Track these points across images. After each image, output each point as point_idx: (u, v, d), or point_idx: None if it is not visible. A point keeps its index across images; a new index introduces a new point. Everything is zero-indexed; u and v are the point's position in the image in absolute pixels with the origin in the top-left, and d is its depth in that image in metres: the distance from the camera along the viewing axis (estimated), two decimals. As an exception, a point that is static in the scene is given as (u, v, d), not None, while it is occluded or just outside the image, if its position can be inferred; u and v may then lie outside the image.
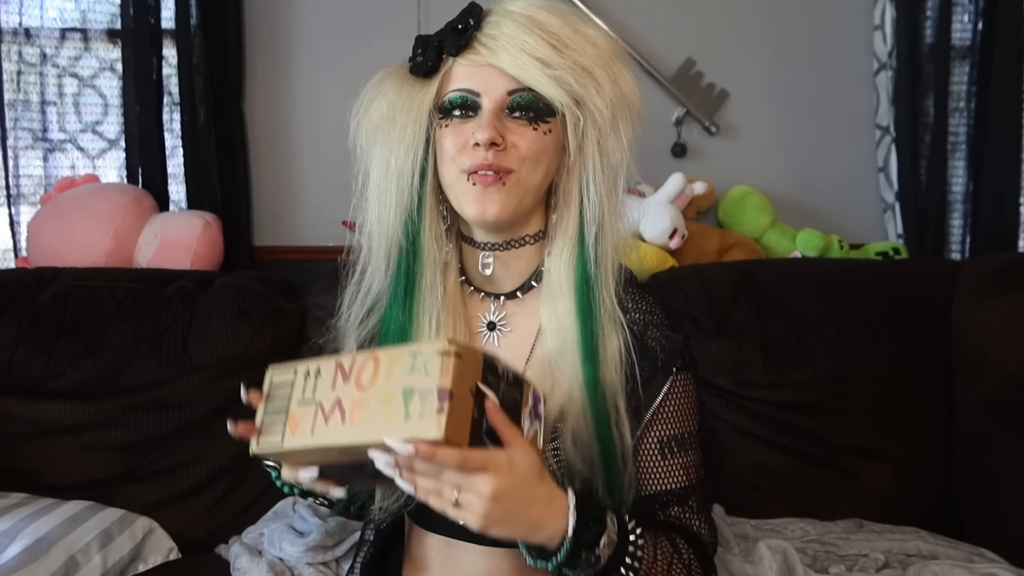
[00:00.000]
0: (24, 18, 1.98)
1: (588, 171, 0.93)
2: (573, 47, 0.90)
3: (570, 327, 0.93)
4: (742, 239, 2.04)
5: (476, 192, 0.91)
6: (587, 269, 0.93)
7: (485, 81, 0.91)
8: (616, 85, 0.93)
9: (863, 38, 2.13)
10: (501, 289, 1.00)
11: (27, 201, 2.00)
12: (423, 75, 0.94)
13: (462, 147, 0.91)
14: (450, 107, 0.93)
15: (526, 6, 0.91)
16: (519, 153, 0.91)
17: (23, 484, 1.50)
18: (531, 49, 0.88)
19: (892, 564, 1.40)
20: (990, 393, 1.58)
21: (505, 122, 0.91)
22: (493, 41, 0.90)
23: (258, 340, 1.62)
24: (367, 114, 0.96)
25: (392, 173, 0.94)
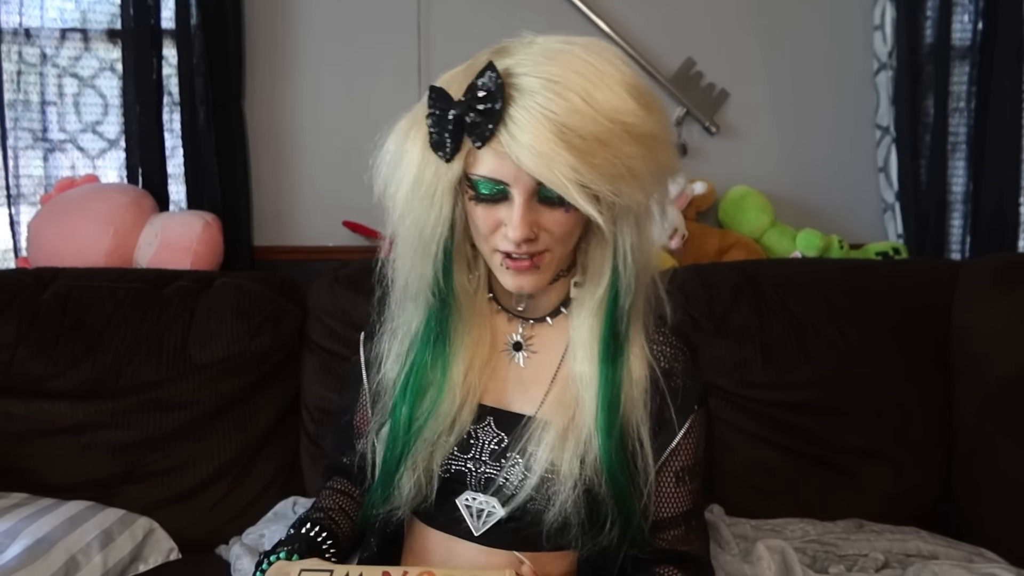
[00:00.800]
0: (24, 18, 1.98)
1: (624, 243, 0.91)
2: (607, 147, 0.81)
3: (592, 376, 0.94)
4: (742, 239, 2.04)
5: (512, 272, 0.91)
6: (616, 328, 0.94)
7: (514, 172, 0.85)
8: (656, 164, 0.86)
9: (863, 38, 2.13)
10: (532, 314, 1.01)
11: (27, 201, 2.00)
12: (445, 160, 0.88)
13: (494, 230, 0.90)
14: (478, 189, 0.88)
15: (546, 100, 0.81)
16: (552, 237, 0.89)
17: (23, 484, 1.50)
18: (559, 167, 0.80)
19: (892, 564, 1.40)
20: (990, 393, 1.58)
21: (535, 208, 0.87)
22: (518, 145, 0.82)
23: (258, 340, 1.62)
24: (391, 183, 0.93)
25: (419, 245, 0.93)
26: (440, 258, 0.92)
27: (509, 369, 1.00)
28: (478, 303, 0.99)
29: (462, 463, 0.98)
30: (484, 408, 0.98)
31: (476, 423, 0.98)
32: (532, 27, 0.90)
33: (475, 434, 0.98)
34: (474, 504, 0.98)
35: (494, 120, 0.83)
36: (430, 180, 0.89)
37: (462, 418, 0.97)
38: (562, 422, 0.95)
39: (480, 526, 0.98)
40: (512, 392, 1.00)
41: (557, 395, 0.97)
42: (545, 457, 0.93)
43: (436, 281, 0.93)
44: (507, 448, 0.96)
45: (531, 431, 0.95)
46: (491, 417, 0.98)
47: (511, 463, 0.96)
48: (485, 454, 0.97)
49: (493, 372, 1.00)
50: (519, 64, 0.84)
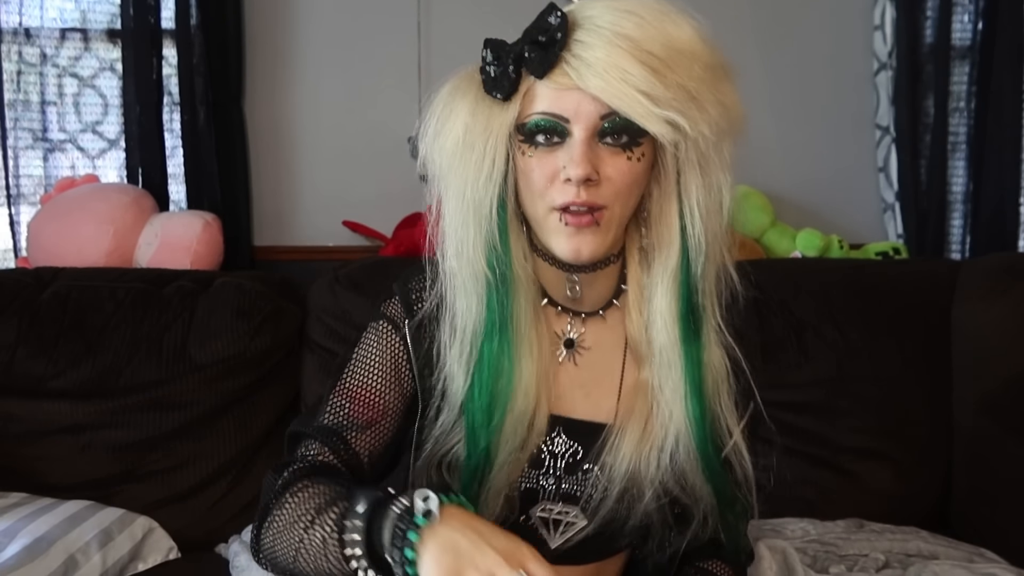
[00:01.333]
0: (24, 18, 1.98)
1: (691, 197, 0.85)
2: (676, 68, 0.79)
3: (675, 360, 0.87)
4: (742, 239, 2.04)
5: (569, 232, 0.83)
6: (693, 299, 0.87)
7: (575, 106, 0.80)
8: (722, 105, 0.83)
9: (863, 38, 2.13)
10: (582, 307, 0.93)
11: (27, 201, 2.00)
12: (502, 98, 0.83)
13: (550, 180, 0.83)
14: (535, 130, 0.82)
15: (615, 18, 0.79)
16: (613, 187, 0.82)
17: (23, 484, 1.50)
18: (632, 79, 0.77)
19: (892, 564, 1.40)
20: (990, 393, 1.58)
21: (597, 150, 0.82)
22: (585, 66, 0.78)
23: (258, 340, 1.62)
24: (439, 138, 0.86)
25: (468, 205, 0.84)
26: (495, 217, 0.84)
27: (564, 371, 0.93)
28: (534, 293, 0.90)
29: (534, 480, 0.91)
30: (554, 418, 0.90)
31: (546, 435, 0.90)
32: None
33: (545, 447, 0.90)
34: (550, 515, 0.92)
35: (558, 47, 0.79)
36: (483, 125, 0.83)
37: (536, 429, 0.88)
38: (638, 428, 0.89)
39: (558, 537, 0.92)
40: (575, 397, 0.92)
41: (627, 401, 0.91)
42: (624, 467, 0.88)
43: (493, 248, 0.85)
44: (583, 459, 0.90)
45: (608, 441, 0.89)
46: (560, 427, 0.91)
47: (590, 476, 0.90)
48: (559, 468, 0.91)
49: (553, 376, 0.92)
50: (582, 7, 0.82)
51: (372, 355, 0.93)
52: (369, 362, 0.93)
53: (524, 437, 0.87)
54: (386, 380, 0.92)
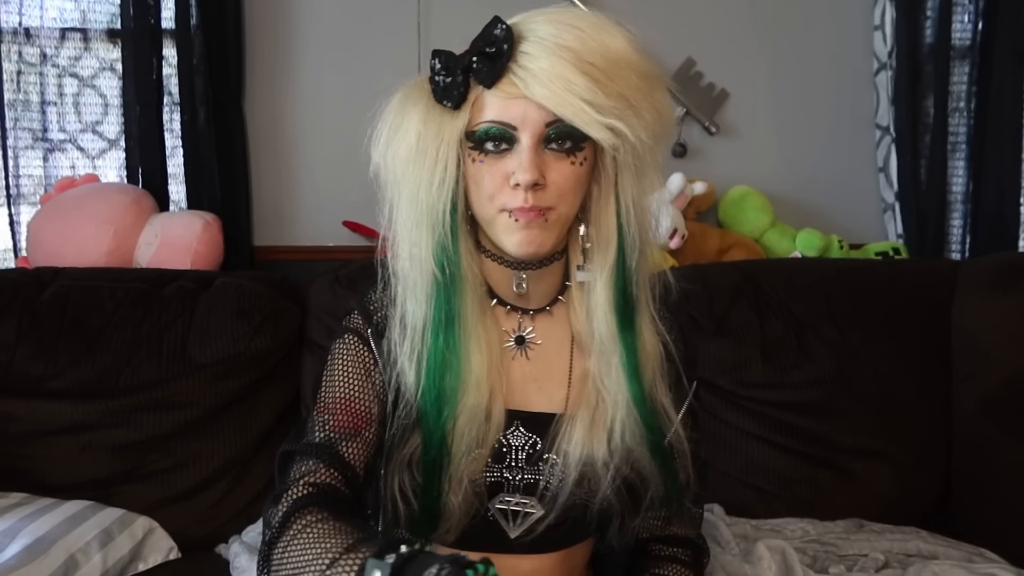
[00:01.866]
0: (24, 18, 1.98)
1: (627, 197, 0.91)
2: (615, 77, 0.84)
3: (613, 348, 0.93)
4: (742, 239, 2.04)
5: (518, 227, 0.89)
6: (628, 291, 0.93)
7: (522, 114, 0.86)
8: (656, 111, 0.89)
9: (863, 38, 2.13)
10: (530, 305, 0.99)
11: (27, 201, 2.00)
12: (452, 107, 0.89)
13: (500, 186, 0.88)
14: (484, 138, 0.88)
15: (557, 31, 0.85)
16: (558, 190, 0.88)
17: (23, 484, 1.50)
18: (575, 88, 0.83)
19: (892, 564, 1.40)
20: (990, 393, 1.58)
21: (543, 155, 0.88)
22: (531, 76, 0.84)
23: (258, 340, 1.62)
24: (391, 145, 0.91)
25: (422, 209, 0.89)
26: (447, 221, 0.89)
27: (517, 366, 0.98)
28: (481, 293, 0.96)
29: (498, 473, 0.95)
30: (510, 412, 0.96)
31: (505, 429, 0.95)
32: None
33: (506, 440, 0.96)
34: (508, 506, 0.96)
35: (504, 58, 0.85)
36: (435, 132, 0.88)
37: (494, 424, 0.93)
38: (588, 414, 0.94)
39: (516, 529, 0.97)
40: (529, 391, 0.98)
41: (577, 390, 0.97)
42: (578, 452, 0.93)
43: (443, 249, 0.90)
44: (542, 450, 0.95)
45: (561, 429, 0.94)
46: (518, 420, 0.96)
47: (549, 465, 0.95)
48: (520, 460, 0.96)
49: (506, 372, 0.97)
50: (524, 20, 0.87)
51: (344, 367, 0.97)
52: (343, 374, 0.97)
53: (483, 432, 0.92)
54: (362, 388, 0.96)
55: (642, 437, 0.93)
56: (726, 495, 1.60)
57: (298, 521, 0.85)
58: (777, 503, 1.60)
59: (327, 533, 0.83)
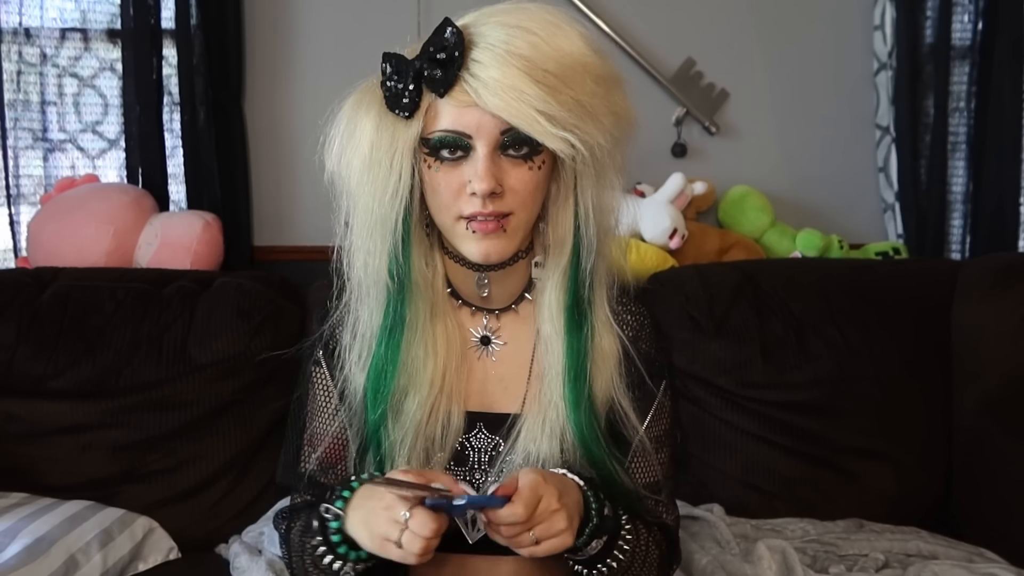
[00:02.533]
0: (24, 18, 1.98)
1: (586, 199, 0.90)
2: (570, 84, 0.82)
3: (558, 348, 0.92)
4: (742, 239, 2.04)
5: (477, 237, 0.88)
6: (579, 293, 0.92)
7: (477, 122, 0.84)
8: (614, 115, 0.87)
9: (863, 38, 2.13)
10: (495, 305, 0.97)
11: (27, 201, 2.00)
12: (405, 116, 0.87)
13: (457, 193, 0.87)
14: (439, 146, 0.86)
15: (508, 36, 0.82)
16: (517, 196, 0.87)
17: (23, 484, 1.50)
18: (528, 99, 0.81)
19: (892, 564, 1.41)
20: (990, 393, 1.58)
21: (499, 162, 0.86)
22: (483, 85, 0.82)
23: (258, 340, 1.62)
24: (345, 154, 0.91)
25: (376, 219, 0.89)
26: (399, 230, 0.88)
27: (483, 367, 0.97)
28: (439, 297, 0.95)
29: (461, 477, 0.94)
30: (472, 415, 0.95)
31: (467, 432, 0.94)
32: None
33: (469, 444, 0.95)
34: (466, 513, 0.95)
35: (456, 66, 0.83)
36: (388, 142, 0.87)
37: (452, 428, 0.93)
38: (541, 414, 0.93)
39: (475, 534, 0.93)
40: (493, 392, 0.97)
41: (535, 388, 0.95)
42: (529, 450, 0.92)
43: (395, 258, 0.89)
44: (504, 452, 0.94)
45: (520, 430, 0.93)
46: (480, 423, 0.95)
47: (511, 467, 0.93)
48: (484, 463, 0.95)
49: (469, 374, 0.96)
50: (476, 19, 0.85)
51: (320, 403, 1.01)
52: (320, 410, 1.01)
53: (440, 435, 0.92)
54: (337, 422, 0.99)
55: (575, 442, 0.91)
56: (726, 495, 1.60)
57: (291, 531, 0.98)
58: (777, 503, 1.60)
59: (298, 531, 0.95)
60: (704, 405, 1.64)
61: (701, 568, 1.34)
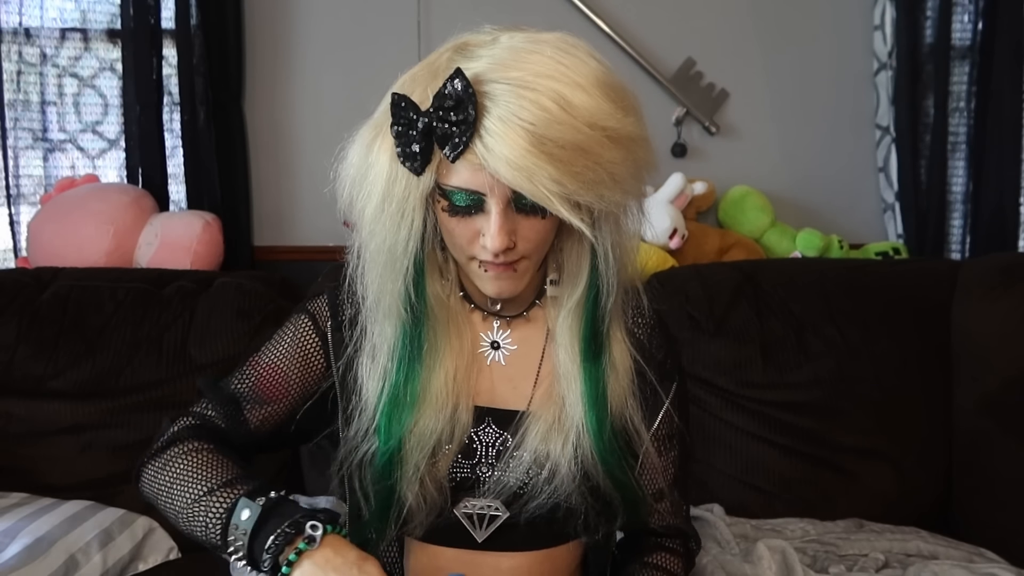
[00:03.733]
0: (24, 18, 1.98)
1: (605, 243, 0.88)
2: (588, 152, 0.78)
3: (575, 375, 0.92)
4: (742, 239, 2.04)
5: (489, 277, 0.88)
6: (597, 327, 0.92)
7: (491, 182, 0.81)
8: (635, 166, 0.84)
9: (863, 38, 2.13)
10: (506, 311, 0.98)
11: (27, 201, 2.00)
12: (415, 174, 0.84)
13: (471, 240, 0.86)
14: (452, 199, 0.85)
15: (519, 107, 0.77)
16: (530, 245, 0.86)
17: (23, 484, 1.50)
18: (540, 178, 0.77)
19: (892, 564, 1.40)
20: (990, 393, 1.58)
21: (512, 217, 0.84)
22: (495, 158, 0.78)
23: (258, 340, 1.58)
24: (359, 198, 0.89)
25: (389, 254, 0.88)
26: (411, 272, 0.89)
27: (491, 369, 0.98)
28: (453, 307, 0.96)
29: (468, 470, 0.95)
30: (481, 409, 0.96)
31: (476, 426, 0.95)
32: (532, 27, 0.88)
33: (477, 437, 0.95)
34: (474, 511, 0.95)
35: (467, 132, 0.79)
36: (400, 194, 0.85)
37: (461, 423, 0.94)
38: (551, 415, 0.94)
39: (483, 532, 0.96)
40: (503, 389, 0.98)
41: (545, 389, 0.96)
42: (539, 449, 0.92)
43: (408, 297, 0.90)
44: (511, 447, 0.95)
45: (527, 426, 0.94)
46: (489, 417, 0.96)
47: (517, 462, 0.94)
48: (491, 457, 0.95)
49: (479, 373, 0.97)
50: (487, 70, 0.80)
51: (287, 344, 1.02)
52: (283, 349, 1.02)
53: (448, 430, 0.93)
54: (294, 369, 1.01)
55: (598, 465, 0.92)
56: (726, 495, 1.60)
57: (184, 445, 0.96)
58: (777, 503, 1.60)
59: (209, 463, 0.93)
60: (704, 405, 1.64)
61: (701, 568, 1.34)
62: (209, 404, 1.02)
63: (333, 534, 0.86)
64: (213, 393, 1.02)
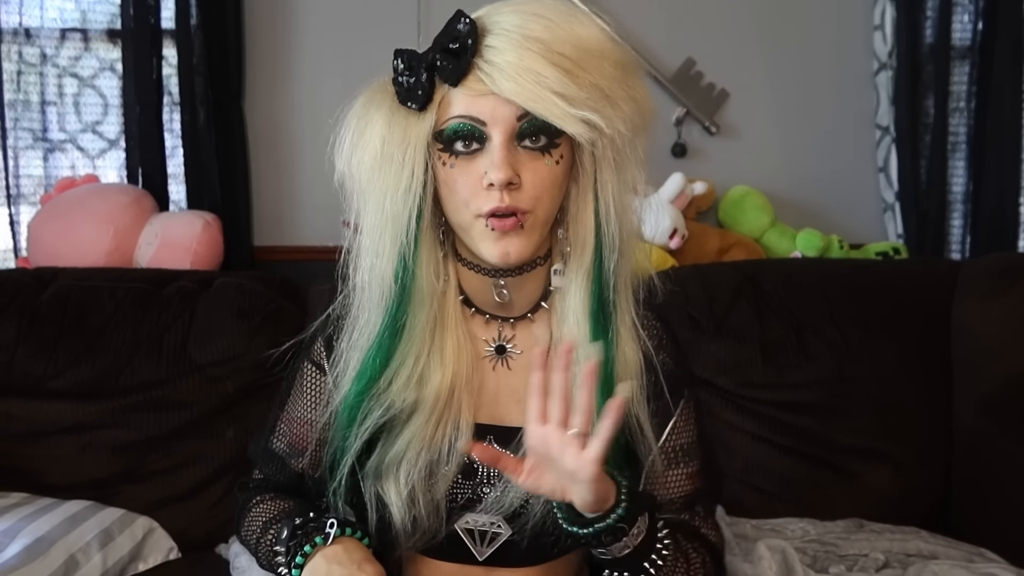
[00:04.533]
0: (24, 18, 1.98)
1: (607, 194, 0.87)
2: (587, 67, 0.80)
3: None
4: (742, 239, 2.04)
5: (495, 236, 0.84)
6: (604, 295, 0.89)
7: (491, 109, 0.82)
8: (634, 101, 0.85)
9: (863, 38, 2.13)
10: (511, 313, 0.95)
11: (27, 201, 2.00)
12: (417, 108, 0.84)
13: (474, 189, 0.84)
14: (453, 137, 0.84)
15: (523, 21, 0.80)
16: (535, 191, 0.84)
17: (23, 484, 1.50)
18: (545, 81, 0.78)
19: (892, 564, 1.40)
20: (990, 393, 1.58)
21: (516, 154, 0.83)
22: (498, 71, 0.79)
23: (258, 340, 1.61)
24: (356, 152, 0.87)
25: (387, 217, 0.86)
26: (411, 229, 0.85)
27: (496, 378, 0.95)
28: (450, 307, 0.92)
29: (469, 490, 0.92)
30: (481, 427, 0.92)
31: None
32: None
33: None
34: (475, 527, 0.93)
35: (469, 54, 0.81)
36: (400, 137, 0.85)
37: (460, 442, 0.90)
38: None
39: (485, 550, 0.94)
40: (508, 404, 0.94)
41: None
42: None
43: (402, 261, 0.86)
44: None
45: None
46: (491, 436, 0.92)
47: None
48: (493, 477, 0.92)
49: (481, 386, 0.94)
50: (489, 12, 0.84)
51: (306, 394, 1.03)
52: (304, 400, 1.03)
53: (445, 449, 0.90)
54: (317, 414, 1.01)
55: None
56: (726, 495, 1.60)
57: (250, 504, 1.05)
58: (777, 503, 1.60)
59: (267, 508, 1.02)
60: (704, 405, 1.64)
61: (701, 568, 1.34)
62: (266, 465, 1.08)
63: (350, 537, 0.90)
64: (262, 458, 1.08)
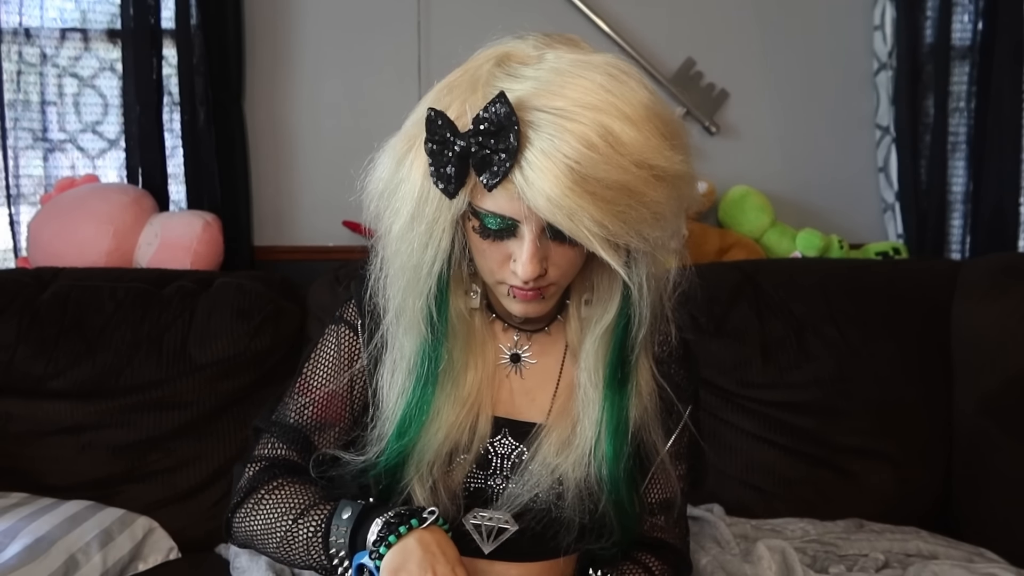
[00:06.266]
0: (24, 18, 1.98)
1: (640, 272, 0.85)
2: (635, 191, 0.74)
3: (595, 401, 0.90)
4: (742, 239, 2.04)
5: (516, 302, 0.86)
6: (625, 355, 0.90)
7: (526, 210, 0.77)
8: (680, 202, 0.81)
9: (863, 38, 2.13)
10: (527, 325, 0.97)
11: (27, 201, 2.00)
12: (447, 196, 0.80)
13: (501, 264, 0.84)
14: (484, 222, 0.81)
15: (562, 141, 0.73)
16: (559, 272, 0.84)
17: (23, 484, 1.50)
18: (581, 218, 0.73)
19: (892, 564, 1.41)
20: (990, 393, 1.58)
21: (545, 244, 0.81)
22: (534, 192, 0.74)
23: (258, 340, 1.62)
24: (386, 213, 0.85)
25: (417, 274, 0.85)
26: (434, 291, 0.86)
27: (511, 379, 0.98)
28: (476, 323, 0.94)
29: (482, 480, 0.95)
30: (499, 420, 0.95)
31: (492, 436, 0.94)
32: (532, 27, 0.87)
33: (493, 448, 0.95)
34: (483, 522, 0.95)
35: (507, 161, 0.74)
36: (431, 215, 0.81)
37: (479, 432, 0.93)
38: (566, 430, 0.93)
39: (490, 544, 0.95)
40: (520, 401, 0.97)
41: (563, 402, 0.95)
42: (552, 464, 0.91)
43: (429, 315, 0.87)
44: (527, 460, 0.93)
45: (542, 439, 0.93)
46: (506, 428, 0.95)
47: (531, 475, 0.92)
48: (506, 469, 0.95)
49: (499, 384, 0.97)
50: (531, 95, 0.75)
51: (332, 358, 0.99)
52: (330, 365, 0.99)
53: (465, 438, 0.92)
54: (345, 382, 0.98)
55: (605, 487, 0.91)
56: (726, 495, 1.60)
57: (268, 486, 0.94)
58: (777, 503, 1.60)
59: (297, 492, 0.93)
60: (704, 405, 1.64)
61: (701, 568, 1.34)
62: (276, 444, 0.99)
63: (435, 526, 0.85)
64: (279, 432, 0.99)
